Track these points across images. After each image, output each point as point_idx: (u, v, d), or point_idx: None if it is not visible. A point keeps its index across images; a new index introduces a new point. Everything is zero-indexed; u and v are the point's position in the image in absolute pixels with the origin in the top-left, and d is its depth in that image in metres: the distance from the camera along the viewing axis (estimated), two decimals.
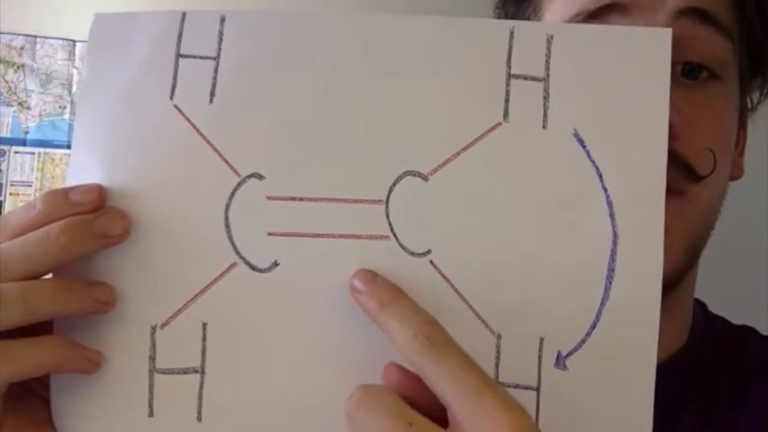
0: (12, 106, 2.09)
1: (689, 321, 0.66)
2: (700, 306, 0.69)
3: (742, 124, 0.65)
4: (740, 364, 0.65)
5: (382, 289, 0.43)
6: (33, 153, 2.08)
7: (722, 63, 0.58)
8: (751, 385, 0.63)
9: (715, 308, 0.71)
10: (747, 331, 0.69)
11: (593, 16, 0.57)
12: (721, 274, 0.62)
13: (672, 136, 0.53)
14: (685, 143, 0.55)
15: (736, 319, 0.71)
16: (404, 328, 0.40)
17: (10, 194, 2.05)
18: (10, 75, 2.12)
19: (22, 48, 2.14)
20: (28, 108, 2.10)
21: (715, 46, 0.58)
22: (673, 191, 0.55)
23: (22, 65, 2.13)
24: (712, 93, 0.58)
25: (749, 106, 0.67)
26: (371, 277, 0.43)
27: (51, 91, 2.12)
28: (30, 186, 2.06)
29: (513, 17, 0.67)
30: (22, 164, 2.07)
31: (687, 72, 0.57)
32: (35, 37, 2.14)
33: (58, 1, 2.11)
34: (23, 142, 2.08)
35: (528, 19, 0.64)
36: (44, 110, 2.10)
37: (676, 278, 0.59)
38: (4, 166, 2.06)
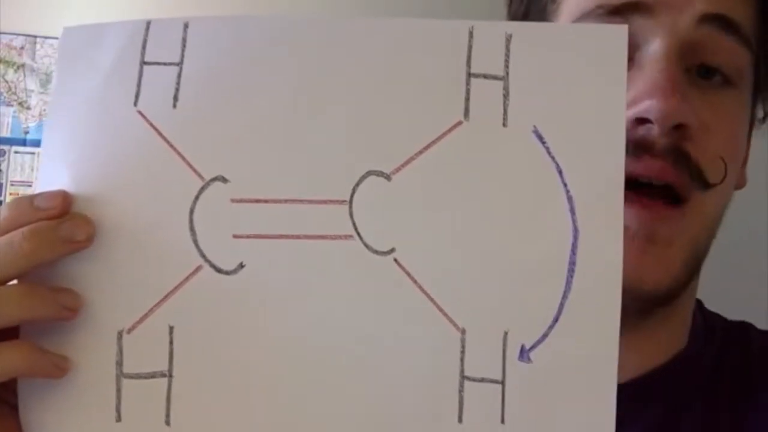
0: (12, 106, 2.10)
1: (690, 323, 0.65)
2: (696, 303, 0.68)
3: (748, 136, 0.64)
4: (744, 362, 0.64)
5: None
6: (33, 153, 2.09)
7: (740, 72, 0.58)
8: (759, 383, 0.63)
9: (713, 308, 0.70)
10: (746, 327, 0.69)
11: (615, 12, 0.57)
12: (721, 275, 0.62)
13: (687, 138, 0.54)
14: (698, 147, 0.55)
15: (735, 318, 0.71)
16: None
17: (10, 194, 2.06)
18: (10, 75, 2.13)
19: (22, 48, 2.15)
20: (28, 108, 2.11)
21: (735, 54, 0.58)
22: (678, 200, 0.55)
23: (22, 65, 2.14)
24: (727, 100, 0.58)
25: (758, 117, 0.66)
26: None
27: (51, 91, 2.12)
28: (30, 186, 2.07)
29: (527, 8, 0.66)
30: (22, 164, 2.08)
31: (702, 73, 0.57)
32: (35, 37, 2.15)
33: (58, 1, 2.11)
34: (23, 142, 2.09)
35: (544, 9, 0.63)
36: (44, 110, 2.11)
37: (677, 290, 0.58)
38: (4, 166, 2.07)
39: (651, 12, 0.56)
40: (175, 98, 0.47)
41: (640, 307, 0.58)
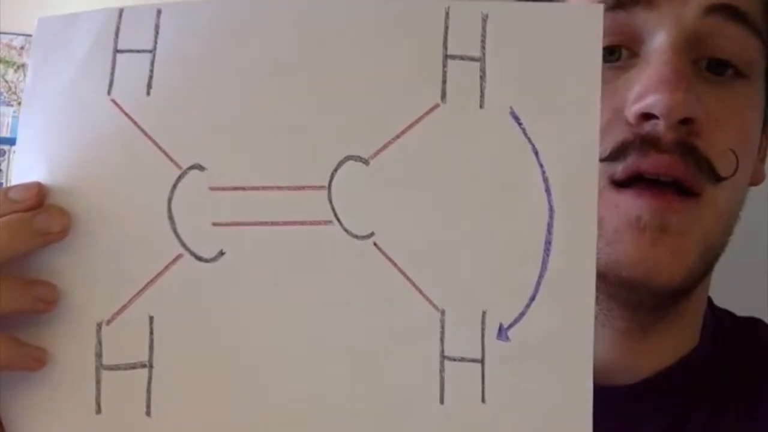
0: (12, 106, 2.11)
1: (701, 322, 0.64)
2: (707, 301, 0.67)
3: (764, 129, 0.62)
4: (751, 361, 0.64)
5: None
6: None
7: (750, 62, 0.57)
8: (765, 383, 0.62)
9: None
10: (755, 324, 0.68)
11: (619, 5, 0.56)
12: (723, 275, 0.62)
13: (695, 133, 0.53)
14: (707, 141, 0.54)
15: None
16: None
17: None
18: (10, 75, 2.14)
19: (22, 48, 2.15)
20: None
21: (745, 44, 0.56)
22: (690, 193, 0.54)
23: (22, 65, 2.15)
24: (738, 92, 0.57)
25: None
26: None
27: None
28: None
29: None
30: None
31: (712, 68, 0.56)
32: None
33: (58, 1, 2.11)
34: None
35: None
36: None
37: (692, 283, 0.58)
38: (4, 166, 2.07)
39: (654, 4, 0.55)
40: (149, 86, 0.46)
41: (653, 303, 0.57)
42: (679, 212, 0.54)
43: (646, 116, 0.53)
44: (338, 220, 0.45)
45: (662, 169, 0.54)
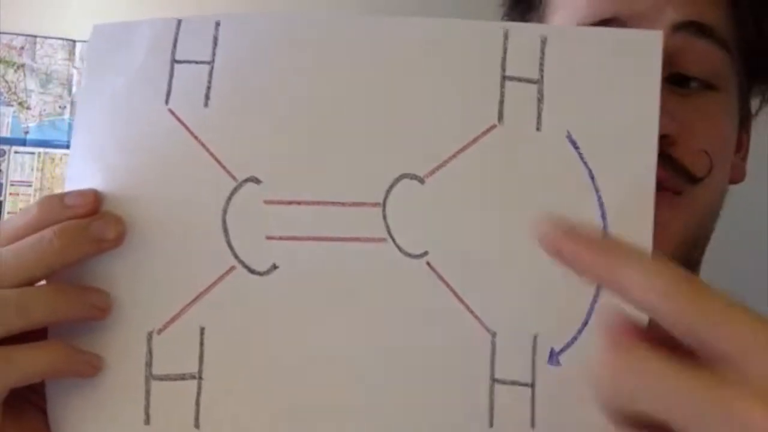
0: (12, 106, 2.09)
1: None
2: None
3: (745, 129, 0.65)
4: None
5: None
6: (33, 153, 2.08)
7: (718, 74, 0.59)
8: None
9: None
10: None
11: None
12: (722, 275, 0.63)
13: (670, 144, 0.54)
14: (682, 147, 0.56)
15: None
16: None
17: (10, 194, 2.05)
18: (10, 75, 2.12)
19: (22, 48, 2.14)
20: (28, 108, 2.10)
21: (712, 58, 0.59)
22: (671, 190, 0.56)
23: (22, 65, 2.13)
24: (708, 101, 0.59)
25: (753, 111, 0.67)
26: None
27: (51, 91, 2.12)
28: (30, 186, 2.06)
29: None
30: (22, 164, 2.07)
31: (676, 82, 0.58)
32: (35, 37, 2.14)
33: (58, 1, 2.11)
34: (23, 142, 2.08)
35: None
36: (44, 110, 2.10)
37: None
38: (4, 166, 2.06)
39: (625, 26, 0.57)
40: (207, 97, 0.46)
41: None
42: (658, 206, 0.55)
43: None
44: (392, 238, 0.45)
45: None
